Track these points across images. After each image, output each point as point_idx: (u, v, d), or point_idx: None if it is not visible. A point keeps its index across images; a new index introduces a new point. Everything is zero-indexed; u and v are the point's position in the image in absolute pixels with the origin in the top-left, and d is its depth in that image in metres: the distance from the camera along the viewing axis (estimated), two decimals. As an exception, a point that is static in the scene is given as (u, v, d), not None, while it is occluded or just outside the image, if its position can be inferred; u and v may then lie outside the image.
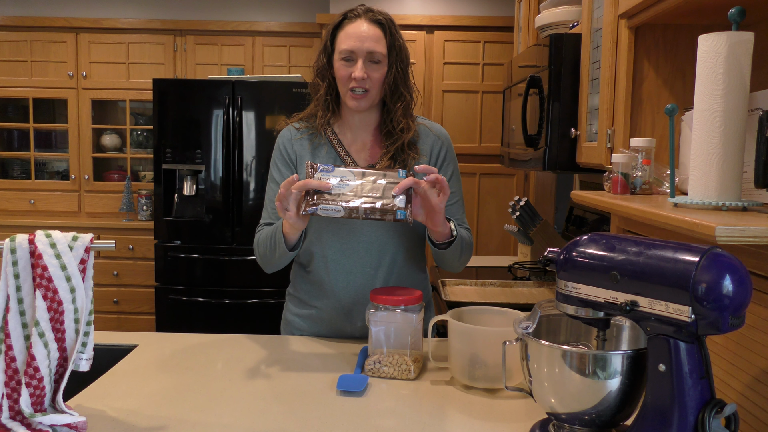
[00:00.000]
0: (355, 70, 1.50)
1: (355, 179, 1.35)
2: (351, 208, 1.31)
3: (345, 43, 1.52)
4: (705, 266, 0.85)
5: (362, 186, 1.34)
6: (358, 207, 1.31)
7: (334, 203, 1.31)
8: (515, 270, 3.01)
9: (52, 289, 1.07)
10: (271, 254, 1.53)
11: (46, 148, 4.65)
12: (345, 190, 1.33)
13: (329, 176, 1.35)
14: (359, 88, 1.52)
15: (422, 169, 1.36)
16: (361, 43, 1.50)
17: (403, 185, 1.34)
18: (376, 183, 1.35)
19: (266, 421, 1.15)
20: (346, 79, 1.53)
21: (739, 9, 0.98)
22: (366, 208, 1.31)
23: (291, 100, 3.67)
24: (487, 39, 3.97)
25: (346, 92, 1.54)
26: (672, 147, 1.14)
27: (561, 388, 1.00)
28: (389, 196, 1.33)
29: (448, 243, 1.49)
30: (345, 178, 1.35)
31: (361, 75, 1.50)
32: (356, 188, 1.34)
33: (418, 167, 1.37)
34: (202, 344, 1.58)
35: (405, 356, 1.38)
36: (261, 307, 3.74)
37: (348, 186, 1.34)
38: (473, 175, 3.98)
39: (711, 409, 0.87)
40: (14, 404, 1.08)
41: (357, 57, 1.51)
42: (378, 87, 1.54)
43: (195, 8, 4.50)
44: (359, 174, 1.36)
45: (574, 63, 1.83)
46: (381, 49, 1.52)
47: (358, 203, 1.31)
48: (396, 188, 1.34)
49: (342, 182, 1.34)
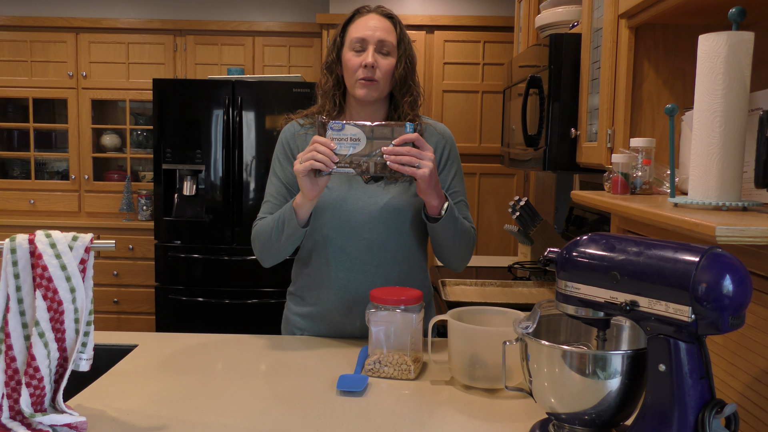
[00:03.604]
0: (366, 57, 1.53)
1: (364, 136, 1.40)
2: (363, 168, 1.40)
3: (356, 32, 1.56)
4: (705, 266, 0.85)
5: (372, 144, 1.40)
6: (369, 165, 1.40)
7: (347, 166, 1.40)
8: (515, 270, 3.01)
9: (52, 289, 1.07)
10: (277, 237, 1.53)
11: (46, 148, 4.65)
12: (356, 150, 1.40)
13: (339, 134, 1.40)
14: (368, 77, 1.54)
15: (398, 142, 1.39)
16: (372, 32, 1.54)
17: (404, 139, 1.39)
18: (383, 140, 1.41)
19: (266, 421, 1.15)
20: (356, 67, 1.54)
21: (739, 9, 0.98)
22: (377, 164, 1.40)
23: (291, 100, 3.67)
24: (487, 39, 3.98)
25: (355, 82, 1.56)
26: (672, 147, 1.14)
27: (561, 388, 1.00)
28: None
29: (437, 218, 1.50)
30: (354, 135, 1.40)
31: (371, 61, 1.53)
32: (366, 146, 1.40)
33: (395, 141, 1.39)
34: (202, 344, 1.58)
35: (405, 356, 1.38)
36: (261, 307, 3.74)
37: (359, 144, 1.40)
38: (473, 175, 3.98)
39: (711, 409, 0.87)
40: (14, 404, 1.08)
41: (368, 45, 1.54)
42: (387, 77, 1.56)
43: (195, 8, 4.50)
44: (368, 129, 1.40)
45: (574, 63, 1.83)
46: (391, 40, 1.56)
47: (369, 162, 1.40)
48: (396, 140, 1.39)
49: (351, 140, 1.40)
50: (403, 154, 1.38)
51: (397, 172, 1.39)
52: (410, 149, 1.38)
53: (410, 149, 1.38)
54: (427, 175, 1.39)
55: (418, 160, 1.38)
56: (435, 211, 1.50)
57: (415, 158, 1.38)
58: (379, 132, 1.39)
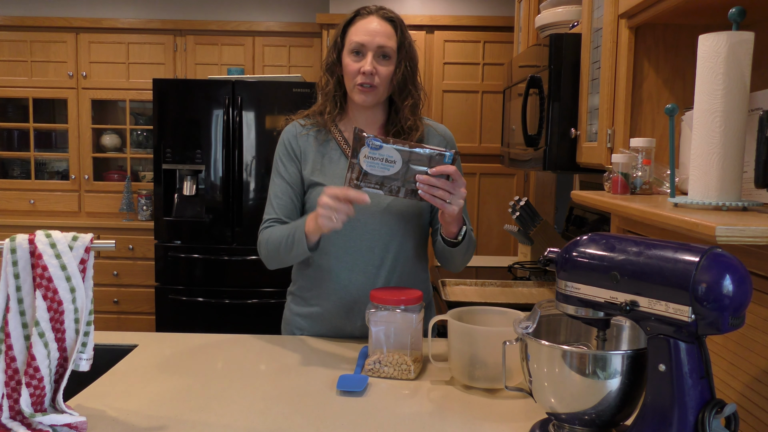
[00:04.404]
0: (365, 64, 1.52)
1: (401, 159, 1.35)
2: (393, 192, 1.37)
3: (356, 36, 1.53)
4: (705, 266, 0.85)
5: (407, 168, 1.35)
6: (399, 189, 1.37)
7: (376, 187, 1.37)
8: (515, 270, 3.01)
9: (52, 289, 1.07)
10: (285, 253, 1.52)
11: (46, 148, 4.65)
12: (390, 172, 1.36)
13: (375, 152, 1.35)
14: (367, 83, 1.53)
15: (434, 172, 1.35)
16: (372, 38, 1.52)
17: (441, 171, 1.35)
18: (419, 166, 1.36)
19: (266, 421, 1.15)
20: (355, 73, 1.53)
21: (739, 9, 0.98)
22: (407, 190, 1.37)
23: (291, 100, 3.67)
24: (487, 39, 3.97)
25: (354, 87, 1.55)
26: (672, 147, 1.14)
27: (561, 388, 1.00)
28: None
29: (455, 243, 1.50)
30: (390, 157, 1.35)
31: (369, 69, 1.51)
32: (401, 169, 1.36)
33: (431, 170, 1.36)
34: (202, 344, 1.58)
35: (405, 356, 1.38)
36: (261, 307, 3.74)
37: (394, 167, 1.35)
38: (473, 175, 3.98)
39: (711, 409, 0.87)
40: (14, 404, 1.08)
41: (367, 50, 1.52)
42: (386, 83, 1.55)
43: (195, 8, 4.50)
44: (407, 154, 1.35)
45: (574, 63, 1.83)
46: (391, 45, 1.54)
47: (401, 186, 1.37)
48: (433, 170, 1.35)
49: (387, 161, 1.35)
50: (438, 187, 1.35)
51: (424, 199, 1.36)
52: (445, 183, 1.36)
53: (445, 183, 1.36)
54: (455, 213, 1.39)
55: (451, 195, 1.36)
56: (452, 236, 1.50)
57: (448, 193, 1.36)
58: (417, 158, 1.35)
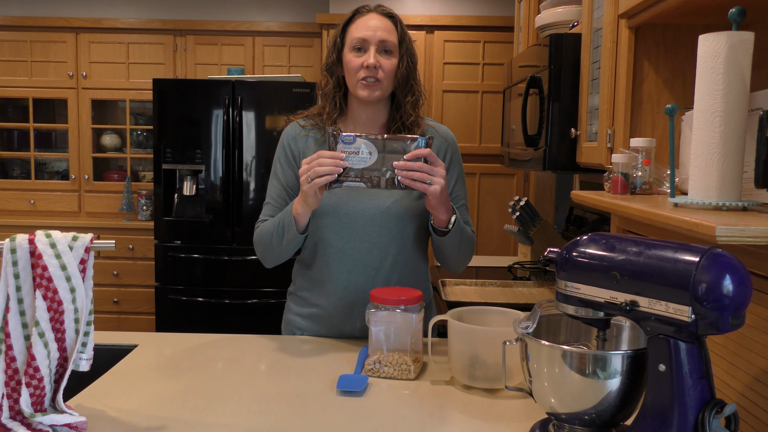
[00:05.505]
0: (367, 58, 1.52)
1: (375, 150, 1.38)
2: (373, 182, 1.39)
3: (357, 32, 1.54)
4: (705, 266, 0.85)
5: (383, 158, 1.38)
6: (380, 179, 1.38)
7: (357, 180, 1.38)
8: (515, 270, 3.01)
9: (52, 289, 1.07)
10: (278, 242, 1.53)
11: (46, 148, 4.65)
12: (368, 163, 1.38)
13: (350, 147, 1.37)
14: (371, 77, 1.53)
15: (410, 157, 1.37)
16: (373, 32, 1.53)
17: (416, 154, 1.37)
18: (395, 154, 1.38)
19: (266, 421, 1.15)
20: (357, 68, 1.53)
21: (739, 9, 0.98)
22: (387, 179, 1.38)
23: (291, 100, 3.67)
24: (487, 39, 3.98)
25: (357, 82, 1.55)
26: (672, 147, 1.14)
27: (561, 388, 1.00)
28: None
29: (445, 231, 1.50)
30: (365, 149, 1.37)
31: (373, 62, 1.51)
32: (378, 160, 1.38)
33: (406, 155, 1.37)
34: (202, 344, 1.58)
35: (405, 356, 1.38)
36: (261, 307, 3.74)
37: (370, 158, 1.38)
38: (473, 175, 3.98)
39: (711, 409, 0.87)
40: (14, 404, 1.08)
41: (369, 45, 1.53)
42: (389, 77, 1.55)
43: (195, 8, 4.50)
44: (380, 143, 1.38)
45: (574, 63, 1.83)
46: (393, 39, 1.55)
47: (380, 176, 1.38)
48: (408, 155, 1.36)
49: (363, 154, 1.37)
50: (415, 170, 1.36)
51: (407, 186, 1.37)
52: (422, 165, 1.36)
53: (422, 165, 1.36)
54: (438, 192, 1.39)
55: (430, 176, 1.37)
56: (442, 224, 1.50)
57: (426, 174, 1.36)
58: (391, 146, 1.37)
